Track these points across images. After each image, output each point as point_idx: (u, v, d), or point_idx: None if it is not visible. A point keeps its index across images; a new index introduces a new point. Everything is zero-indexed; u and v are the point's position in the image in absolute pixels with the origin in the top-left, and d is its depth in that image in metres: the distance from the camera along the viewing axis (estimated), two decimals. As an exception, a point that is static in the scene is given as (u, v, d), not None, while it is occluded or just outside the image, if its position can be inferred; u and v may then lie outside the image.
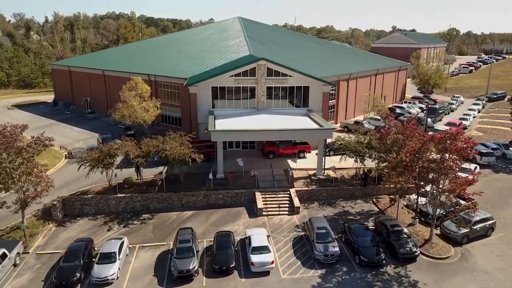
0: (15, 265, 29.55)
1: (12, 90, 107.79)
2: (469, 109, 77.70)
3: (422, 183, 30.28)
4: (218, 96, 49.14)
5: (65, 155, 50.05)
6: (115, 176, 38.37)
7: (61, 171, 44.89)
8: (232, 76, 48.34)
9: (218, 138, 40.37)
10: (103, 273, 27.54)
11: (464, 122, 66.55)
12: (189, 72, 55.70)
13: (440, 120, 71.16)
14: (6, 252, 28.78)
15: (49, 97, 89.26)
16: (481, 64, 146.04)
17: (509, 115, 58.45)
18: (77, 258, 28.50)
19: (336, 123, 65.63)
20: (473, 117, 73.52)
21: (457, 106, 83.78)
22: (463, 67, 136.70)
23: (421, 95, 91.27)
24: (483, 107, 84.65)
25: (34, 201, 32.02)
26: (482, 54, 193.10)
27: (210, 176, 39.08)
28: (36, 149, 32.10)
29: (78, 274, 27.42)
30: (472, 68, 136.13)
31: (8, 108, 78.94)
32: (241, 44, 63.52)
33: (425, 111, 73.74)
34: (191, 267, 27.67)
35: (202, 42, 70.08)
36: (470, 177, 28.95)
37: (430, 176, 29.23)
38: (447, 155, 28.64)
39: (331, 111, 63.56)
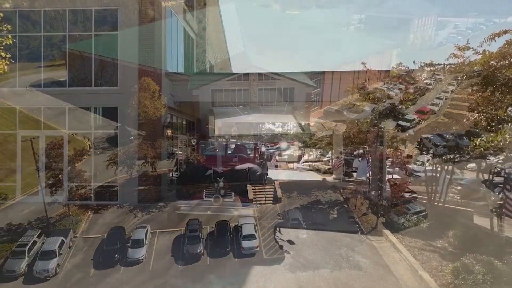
0: (69, 247, 40.33)
1: (23, 64, 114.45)
2: (443, 91, 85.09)
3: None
4: (217, 97, 57.97)
5: (89, 145, 59.62)
6: (136, 172, 48.49)
7: (88, 162, 54.60)
8: (228, 80, 56.89)
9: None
10: (135, 255, 38.30)
11: (433, 107, 75.00)
12: (190, 67, 64.01)
13: (415, 104, 79.26)
14: (64, 239, 39.42)
15: (60, 74, 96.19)
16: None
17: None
18: (115, 243, 39.20)
19: (321, 108, 74.55)
20: (445, 99, 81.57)
21: (434, 85, 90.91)
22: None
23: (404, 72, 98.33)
24: (458, 85, 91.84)
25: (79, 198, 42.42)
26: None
27: (211, 171, 49.13)
28: (79, 159, 41.94)
29: (117, 256, 38.25)
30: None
31: (27, 89, 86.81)
32: (237, 38, 70.94)
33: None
34: (198, 251, 38.44)
35: (200, 33, 76.93)
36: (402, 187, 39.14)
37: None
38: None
39: (316, 99, 72.17)
